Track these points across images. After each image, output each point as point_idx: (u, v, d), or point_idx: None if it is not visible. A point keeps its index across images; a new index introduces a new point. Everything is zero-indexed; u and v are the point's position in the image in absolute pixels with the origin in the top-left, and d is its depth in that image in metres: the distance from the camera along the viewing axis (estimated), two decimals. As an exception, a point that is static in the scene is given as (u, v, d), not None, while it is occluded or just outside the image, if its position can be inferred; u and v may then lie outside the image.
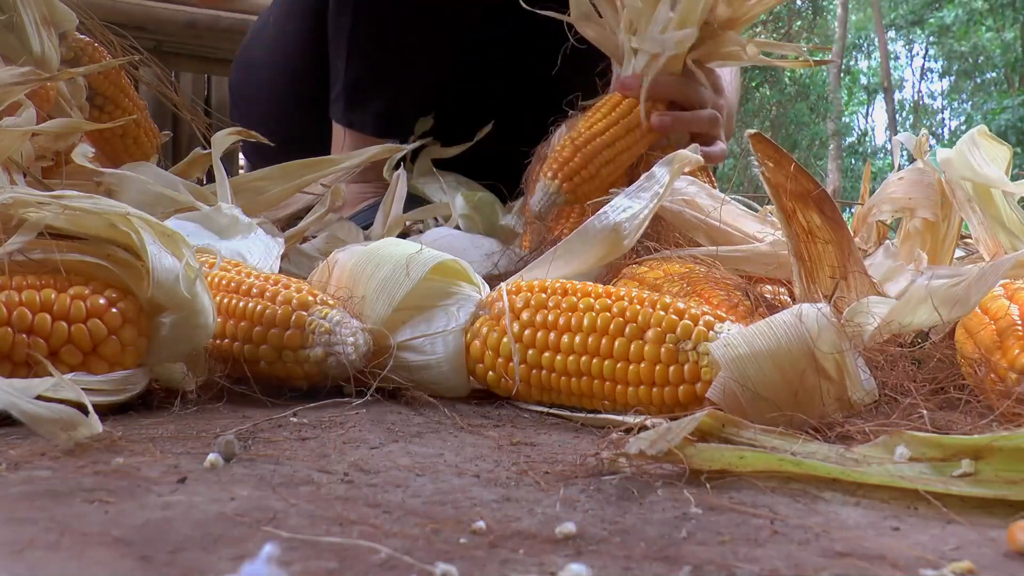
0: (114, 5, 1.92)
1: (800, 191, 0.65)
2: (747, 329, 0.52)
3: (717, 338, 0.53)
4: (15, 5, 0.91)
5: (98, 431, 0.46)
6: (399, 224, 1.24)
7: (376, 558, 0.32)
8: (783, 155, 0.66)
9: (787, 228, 0.65)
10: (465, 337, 0.62)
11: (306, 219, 1.07)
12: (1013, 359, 0.52)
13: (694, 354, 0.53)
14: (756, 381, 0.50)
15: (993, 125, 9.11)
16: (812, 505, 0.40)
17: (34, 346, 0.53)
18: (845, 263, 0.65)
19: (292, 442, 0.49)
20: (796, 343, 0.50)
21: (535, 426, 0.56)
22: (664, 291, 0.67)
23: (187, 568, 0.31)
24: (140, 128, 1.15)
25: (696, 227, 0.81)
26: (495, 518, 0.37)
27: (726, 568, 0.33)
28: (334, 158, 1.14)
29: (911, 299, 0.56)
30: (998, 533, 0.37)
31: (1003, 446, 0.41)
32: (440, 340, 0.62)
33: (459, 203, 1.29)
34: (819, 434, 0.49)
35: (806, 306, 0.52)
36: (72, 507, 0.37)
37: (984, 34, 13.17)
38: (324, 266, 0.70)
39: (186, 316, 0.58)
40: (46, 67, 0.91)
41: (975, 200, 0.78)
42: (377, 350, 0.62)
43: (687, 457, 0.43)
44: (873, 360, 0.56)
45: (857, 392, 0.52)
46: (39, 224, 0.57)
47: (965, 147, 0.79)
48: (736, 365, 0.51)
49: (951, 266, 0.84)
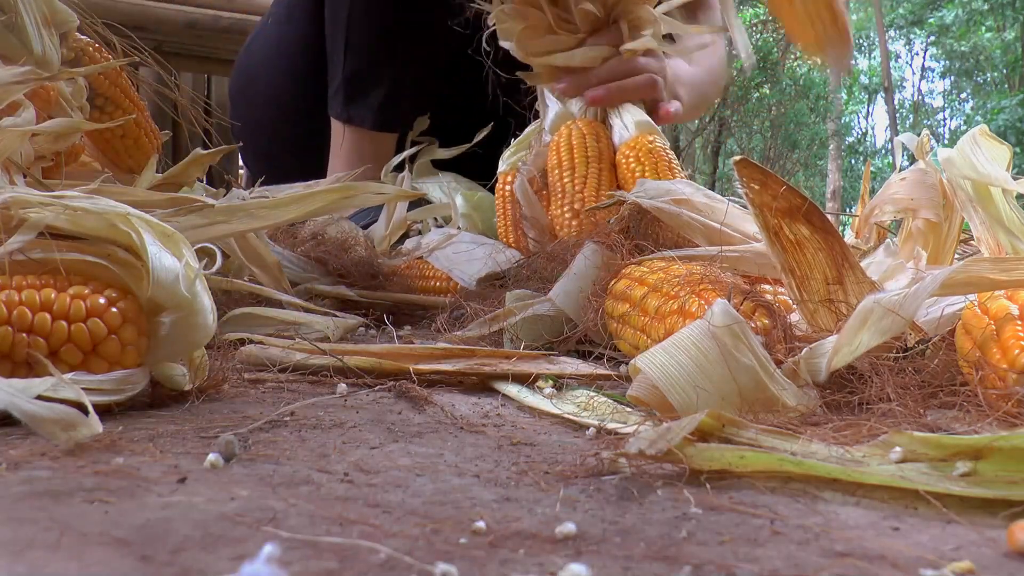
0: (114, 5, 1.92)
1: (788, 207, 0.65)
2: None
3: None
4: (16, 6, 0.91)
5: (98, 431, 0.46)
6: (402, 224, 1.24)
7: (376, 558, 0.32)
8: (769, 176, 0.66)
9: (772, 246, 0.66)
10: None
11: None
12: (1013, 359, 0.52)
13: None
14: (669, 367, 0.53)
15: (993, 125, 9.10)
16: (812, 505, 0.40)
17: (34, 345, 0.53)
18: (839, 268, 0.65)
19: (292, 442, 0.49)
20: (698, 330, 0.54)
21: (535, 426, 0.56)
22: (664, 291, 0.67)
23: (187, 568, 0.31)
24: (140, 128, 1.15)
25: (694, 228, 0.81)
26: (495, 518, 0.37)
27: (726, 568, 0.33)
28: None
29: (861, 317, 0.56)
30: (998, 533, 0.37)
31: (1003, 446, 0.41)
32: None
33: (459, 203, 1.29)
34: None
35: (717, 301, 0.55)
36: (72, 507, 0.37)
37: (984, 34, 13.17)
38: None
39: (186, 316, 0.58)
40: (47, 67, 0.91)
41: (975, 200, 0.78)
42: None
43: (687, 457, 0.43)
44: (874, 362, 0.57)
45: (786, 394, 0.53)
46: (39, 224, 0.57)
47: (967, 146, 0.79)
48: (649, 358, 0.54)
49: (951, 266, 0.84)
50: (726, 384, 0.53)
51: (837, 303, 0.64)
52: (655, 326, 0.66)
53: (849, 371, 0.57)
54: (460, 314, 0.86)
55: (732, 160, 0.67)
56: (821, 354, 0.57)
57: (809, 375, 0.57)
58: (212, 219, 0.80)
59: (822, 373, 0.57)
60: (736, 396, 0.52)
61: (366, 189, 0.89)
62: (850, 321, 0.56)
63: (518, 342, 0.78)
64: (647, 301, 0.68)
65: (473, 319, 0.83)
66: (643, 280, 0.71)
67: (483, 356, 0.70)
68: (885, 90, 12.57)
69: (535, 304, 0.80)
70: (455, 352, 0.70)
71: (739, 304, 0.59)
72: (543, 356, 0.73)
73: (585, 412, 0.58)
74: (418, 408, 0.60)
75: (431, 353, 0.70)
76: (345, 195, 0.86)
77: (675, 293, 0.66)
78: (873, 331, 0.55)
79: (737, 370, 0.53)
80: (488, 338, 0.81)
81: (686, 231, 0.81)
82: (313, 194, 0.84)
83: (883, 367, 0.56)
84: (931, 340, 0.63)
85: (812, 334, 0.63)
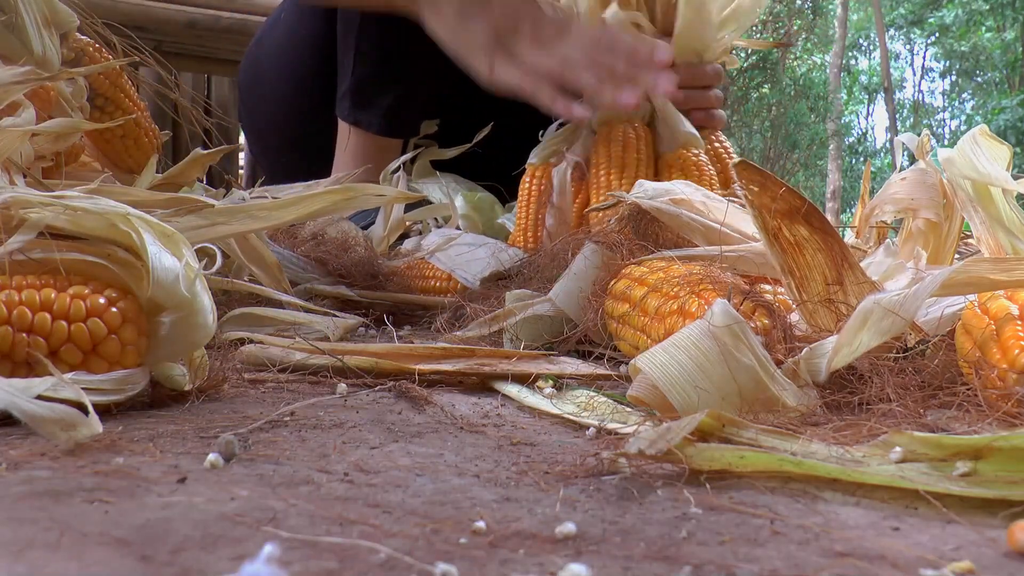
0: (114, 5, 1.92)
1: (787, 209, 0.65)
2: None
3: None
4: (16, 6, 0.91)
5: (98, 431, 0.46)
6: (400, 225, 1.24)
7: (376, 558, 0.32)
8: (769, 178, 0.66)
9: (771, 247, 0.66)
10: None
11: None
12: (1013, 359, 0.52)
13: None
14: (669, 367, 0.53)
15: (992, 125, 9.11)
16: (812, 505, 0.40)
17: (34, 345, 0.53)
18: (839, 269, 0.65)
19: (292, 442, 0.49)
20: (698, 330, 0.54)
21: (535, 426, 0.56)
22: (664, 291, 0.67)
23: (187, 568, 0.31)
24: (140, 128, 1.15)
25: (693, 228, 0.81)
26: (495, 518, 0.37)
27: (726, 568, 0.33)
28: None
29: (861, 317, 0.56)
30: (998, 533, 0.37)
31: (1003, 446, 0.41)
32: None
33: (459, 203, 1.29)
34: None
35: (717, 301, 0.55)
36: (72, 507, 0.37)
37: (984, 34, 13.18)
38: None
39: (186, 316, 0.58)
40: (47, 67, 0.91)
41: (975, 200, 0.78)
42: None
43: (687, 457, 0.43)
44: (874, 363, 0.57)
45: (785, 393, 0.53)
46: (39, 224, 0.57)
47: (967, 146, 0.79)
48: (649, 358, 0.54)
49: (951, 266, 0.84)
50: (726, 384, 0.53)
51: (837, 303, 0.64)
52: (655, 326, 0.66)
53: (849, 371, 0.57)
54: (460, 314, 0.86)
55: (731, 164, 0.67)
56: (821, 354, 0.57)
57: (809, 375, 0.57)
58: (212, 220, 0.80)
59: (822, 373, 0.57)
60: (736, 396, 0.52)
61: (365, 191, 0.89)
62: (850, 321, 0.56)
63: (518, 342, 0.78)
64: (647, 301, 0.68)
65: (473, 319, 0.83)
66: (643, 280, 0.71)
67: (483, 356, 0.70)
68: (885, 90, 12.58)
69: (535, 304, 0.80)
70: (455, 352, 0.70)
71: (739, 304, 0.59)
72: (543, 356, 0.73)
73: (585, 412, 0.58)
74: (418, 408, 0.60)
75: (431, 353, 0.70)
76: (345, 197, 0.86)
77: (675, 293, 0.66)
78: (873, 331, 0.55)
79: (737, 370, 0.53)
80: (488, 338, 0.81)
81: (685, 231, 0.81)
82: (313, 196, 0.84)
83: (883, 367, 0.56)
84: (931, 340, 0.63)
85: (812, 334, 0.63)
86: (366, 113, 1.42)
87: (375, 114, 1.42)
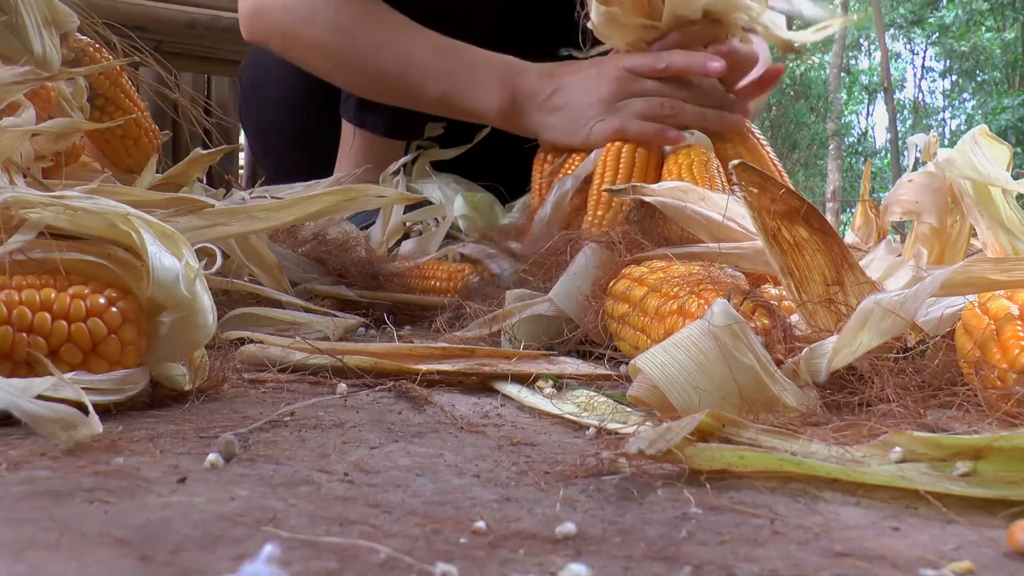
0: (114, 5, 1.92)
1: (787, 210, 0.65)
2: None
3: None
4: (16, 6, 0.91)
5: (98, 431, 0.46)
6: (400, 227, 1.24)
7: (376, 558, 0.32)
8: (768, 179, 0.66)
9: (770, 248, 0.66)
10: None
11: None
12: (1013, 359, 0.52)
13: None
14: (669, 367, 0.53)
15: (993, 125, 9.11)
16: (812, 505, 0.40)
17: (34, 345, 0.53)
18: (838, 269, 0.65)
19: (292, 442, 0.49)
20: (698, 330, 0.54)
21: (535, 426, 0.56)
22: (664, 291, 0.67)
23: (187, 568, 0.31)
24: (141, 128, 1.15)
25: (697, 223, 0.81)
26: (495, 518, 0.37)
27: (726, 568, 0.33)
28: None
29: (861, 318, 0.56)
30: (998, 533, 0.37)
31: (1003, 446, 0.41)
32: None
33: (459, 204, 1.29)
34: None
35: (717, 301, 0.55)
36: (72, 507, 0.37)
37: (984, 34, 13.18)
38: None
39: (186, 316, 0.58)
40: (47, 67, 0.91)
41: (975, 200, 0.78)
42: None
43: (687, 457, 0.43)
44: (874, 363, 0.57)
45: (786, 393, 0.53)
46: (39, 224, 0.57)
47: (967, 146, 0.79)
48: (649, 358, 0.54)
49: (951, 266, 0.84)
50: (726, 384, 0.53)
51: (837, 304, 0.64)
52: (655, 326, 0.66)
53: (849, 371, 0.57)
54: (460, 314, 0.86)
55: (731, 164, 0.67)
56: (821, 354, 0.57)
57: (809, 375, 0.57)
58: (212, 220, 0.80)
59: (822, 373, 0.57)
60: (736, 396, 0.52)
61: (366, 192, 0.89)
62: (850, 322, 0.56)
63: (518, 342, 0.78)
64: (647, 301, 0.68)
65: (473, 319, 0.83)
66: (643, 280, 0.71)
67: (483, 356, 0.70)
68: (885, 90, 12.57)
69: (535, 304, 0.80)
70: (455, 352, 0.70)
71: (739, 304, 0.59)
72: (543, 356, 0.73)
73: (585, 412, 0.58)
74: (418, 408, 0.60)
75: (431, 353, 0.70)
76: (345, 197, 0.86)
77: (675, 293, 0.66)
78: (873, 332, 0.55)
79: (737, 370, 0.53)
80: (488, 338, 0.81)
81: (690, 225, 0.81)
82: (313, 196, 0.84)
83: (883, 367, 0.56)
84: (931, 340, 0.63)
85: (812, 334, 0.63)
86: (371, 114, 1.42)
87: (380, 115, 1.42)
